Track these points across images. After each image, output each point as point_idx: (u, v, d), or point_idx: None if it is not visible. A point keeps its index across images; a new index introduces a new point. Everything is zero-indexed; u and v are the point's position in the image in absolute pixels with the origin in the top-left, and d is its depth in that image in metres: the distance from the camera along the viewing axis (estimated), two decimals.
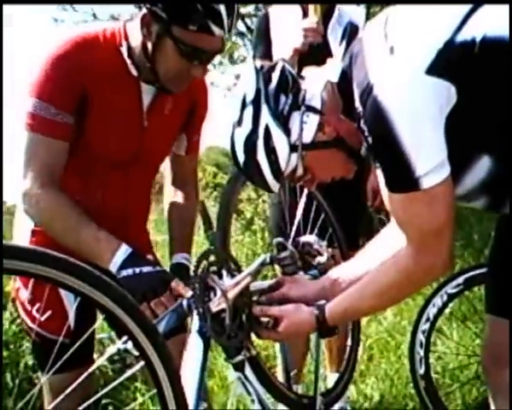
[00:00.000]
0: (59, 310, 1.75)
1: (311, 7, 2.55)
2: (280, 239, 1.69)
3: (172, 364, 1.27)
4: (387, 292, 1.48)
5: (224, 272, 1.45)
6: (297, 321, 1.54)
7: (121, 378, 1.29)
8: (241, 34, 8.89)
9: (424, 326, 2.70)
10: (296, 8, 2.65)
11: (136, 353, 1.24)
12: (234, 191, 1.67)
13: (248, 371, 1.55)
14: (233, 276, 1.45)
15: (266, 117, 1.44)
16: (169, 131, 1.86)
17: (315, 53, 2.41)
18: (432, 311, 2.69)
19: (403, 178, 1.33)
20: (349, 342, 1.99)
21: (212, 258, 1.45)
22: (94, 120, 1.67)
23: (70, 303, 1.74)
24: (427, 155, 1.31)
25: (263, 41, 2.67)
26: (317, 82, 1.51)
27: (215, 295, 1.41)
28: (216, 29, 1.56)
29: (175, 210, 1.96)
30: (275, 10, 2.76)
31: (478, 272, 2.60)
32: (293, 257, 1.61)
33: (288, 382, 1.83)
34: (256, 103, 1.46)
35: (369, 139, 1.36)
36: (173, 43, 1.57)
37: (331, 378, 2.63)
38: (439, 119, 1.31)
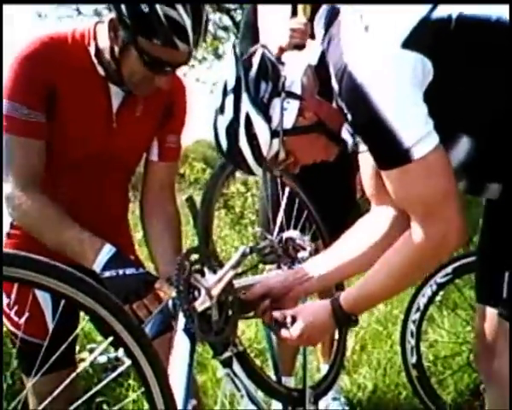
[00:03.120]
0: (36, 312, 1.75)
1: (300, 6, 2.52)
2: (258, 229, 1.69)
3: (159, 363, 1.27)
4: (403, 273, 1.45)
5: (206, 270, 1.46)
6: (312, 312, 1.56)
7: (107, 379, 1.30)
8: (226, 28, 8.88)
9: (414, 316, 2.73)
10: (285, 5, 2.62)
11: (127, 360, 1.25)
12: (215, 189, 1.67)
13: (236, 366, 1.56)
14: (215, 272, 1.46)
15: (247, 105, 1.46)
16: (141, 134, 1.84)
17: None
18: (422, 301, 2.71)
19: (392, 152, 1.31)
20: (336, 336, 2.00)
21: (194, 256, 1.45)
22: (62, 119, 1.67)
23: (47, 305, 1.75)
24: (413, 126, 1.29)
25: (250, 34, 2.61)
26: (297, 67, 1.51)
27: (199, 293, 1.42)
28: (181, 44, 1.56)
29: (157, 236, 1.86)
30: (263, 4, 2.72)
31: (466, 260, 2.62)
32: (273, 246, 1.61)
33: (277, 375, 1.84)
34: (237, 91, 1.47)
35: (349, 116, 1.36)
36: (137, 52, 1.57)
37: (324, 369, 2.64)
38: (418, 91, 1.30)
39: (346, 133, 2.50)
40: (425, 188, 1.32)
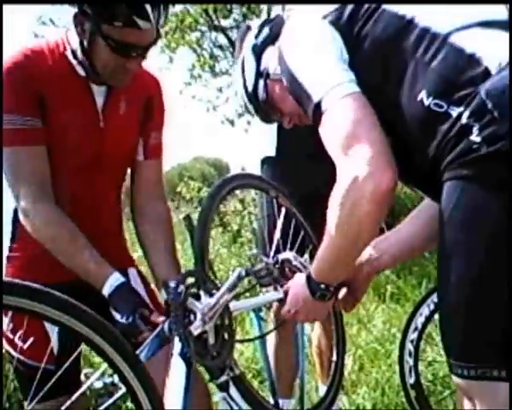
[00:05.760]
0: (41, 336, 1.72)
1: None
2: (254, 252, 1.68)
3: (155, 390, 1.27)
4: (339, 226, 1.36)
5: (202, 293, 1.45)
6: (295, 285, 1.59)
7: (103, 406, 1.28)
8: (221, 47, 8.94)
9: (412, 336, 2.70)
10: None
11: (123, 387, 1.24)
12: (210, 210, 1.66)
13: (233, 390, 1.55)
14: (211, 295, 1.45)
15: (247, 45, 1.74)
16: (127, 132, 1.85)
17: None
18: (419, 320, 2.69)
19: (310, 108, 1.39)
20: (334, 357, 1.97)
21: (189, 280, 1.45)
22: (53, 128, 1.69)
23: (52, 329, 1.72)
24: (320, 80, 1.38)
25: None
26: None
27: (195, 317, 1.40)
28: (142, 23, 1.58)
29: (150, 235, 1.86)
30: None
31: None
32: (269, 268, 1.61)
33: (274, 398, 1.82)
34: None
35: (284, 81, 1.50)
36: (103, 40, 1.60)
37: (323, 389, 2.62)
38: (329, 52, 1.40)
39: None
40: (335, 129, 1.34)
